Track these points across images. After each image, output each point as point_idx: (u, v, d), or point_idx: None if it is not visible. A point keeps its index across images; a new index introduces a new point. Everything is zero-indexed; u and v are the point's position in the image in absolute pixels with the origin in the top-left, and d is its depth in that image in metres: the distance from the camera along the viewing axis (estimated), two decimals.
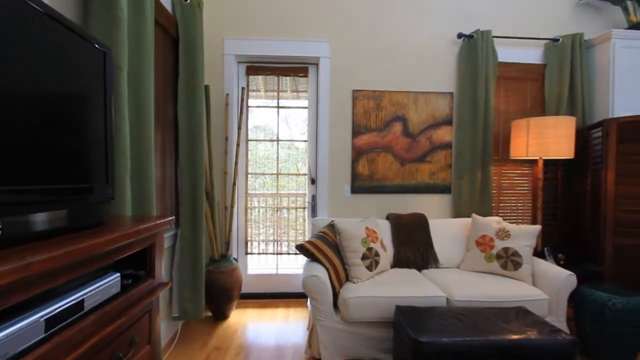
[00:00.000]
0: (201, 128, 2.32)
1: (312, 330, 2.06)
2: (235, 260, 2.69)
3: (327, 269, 2.06)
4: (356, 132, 2.86)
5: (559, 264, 2.56)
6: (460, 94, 2.87)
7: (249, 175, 3.03)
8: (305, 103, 3.02)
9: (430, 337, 1.48)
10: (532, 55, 2.98)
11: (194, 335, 2.34)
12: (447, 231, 2.60)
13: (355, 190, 2.86)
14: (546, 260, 2.52)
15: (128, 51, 1.55)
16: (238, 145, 2.72)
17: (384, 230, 2.58)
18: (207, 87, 2.60)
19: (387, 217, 2.71)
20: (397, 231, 2.55)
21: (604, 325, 1.98)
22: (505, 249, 2.28)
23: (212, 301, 2.52)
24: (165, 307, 2.24)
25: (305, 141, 3.05)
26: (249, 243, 3.02)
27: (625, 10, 2.92)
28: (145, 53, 1.64)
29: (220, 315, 2.57)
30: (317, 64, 2.91)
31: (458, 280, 2.17)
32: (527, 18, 3.00)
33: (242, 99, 2.76)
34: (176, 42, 2.31)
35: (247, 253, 3.00)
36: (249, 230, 3.05)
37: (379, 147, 2.86)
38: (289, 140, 3.12)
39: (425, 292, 1.98)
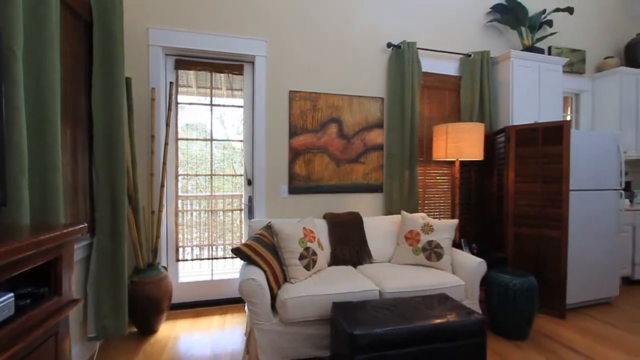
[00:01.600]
0: (121, 125, 2.10)
1: (249, 336, 2.00)
2: (165, 268, 2.49)
3: (264, 271, 2.03)
4: (293, 132, 2.87)
5: (473, 253, 2.89)
6: (390, 99, 3.07)
7: (180, 177, 2.84)
8: (241, 102, 2.93)
9: (364, 329, 1.56)
10: (450, 67, 3.33)
11: (116, 355, 2.10)
12: (379, 228, 2.76)
13: (292, 190, 2.87)
14: (463, 250, 2.83)
15: (25, 33, 1.33)
16: (167, 144, 2.53)
17: (321, 230, 2.64)
18: (128, 80, 2.36)
19: (324, 217, 2.77)
20: (334, 230, 2.63)
21: (506, 303, 2.30)
22: (430, 242, 2.50)
23: (138, 315, 2.29)
24: (78, 327, 1.97)
25: (241, 141, 2.96)
26: (180, 249, 2.83)
27: (520, 34, 3.44)
28: (48, 37, 1.42)
29: (147, 329, 2.36)
30: (253, 62, 2.85)
31: (389, 273, 2.32)
32: (446, 34, 3.34)
33: (171, 95, 2.57)
34: (90, 27, 2.05)
35: (178, 260, 2.80)
36: (181, 236, 2.85)
37: (316, 148, 2.91)
38: (225, 140, 3.00)
39: (360, 287, 2.07)
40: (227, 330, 2.43)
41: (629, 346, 2.23)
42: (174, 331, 2.41)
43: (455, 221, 2.58)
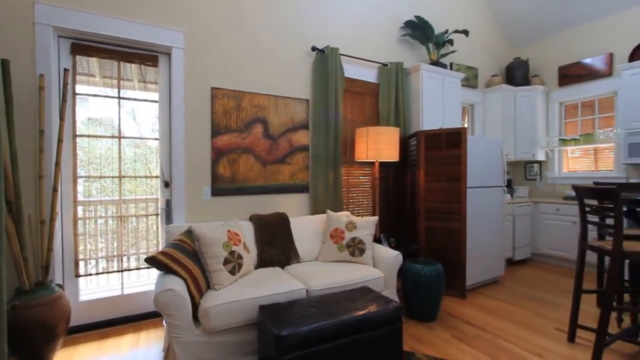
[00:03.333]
0: None
1: (168, 351, 1.84)
2: (60, 286, 2.13)
3: (184, 280, 1.88)
4: (216, 132, 2.73)
5: (391, 247, 3.15)
6: (314, 102, 3.15)
7: (80, 179, 2.46)
8: (156, 96, 2.68)
9: (291, 329, 1.56)
10: (370, 75, 3.57)
11: None
12: (306, 227, 2.81)
13: (216, 192, 2.74)
14: (382, 244, 3.06)
15: None
16: (60, 141, 2.16)
17: (247, 232, 2.57)
18: (5, 63, 1.95)
19: (250, 218, 2.71)
20: (260, 231, 2.58)
21: (419, 290, 2.56)
22: (353, 239, 2.64)
23: (24, 346, 1.91)
24: None
25: (156, 139, 2.70)
26: (81, 263, 2.45)
27: (428, 50, 3.86)
28: None
29: None
30: (169, 54, 2.63)
31: (316, 271, 2.37)
32: (366, 43, 3.57)
33: (66, 84, 2.21)
34: None
35: (78, 275, 2.43)
36: (82, 247, 2.47)
37: (240, 148, 2.83)
38: (137, 138, 2.70)
39: (287, 287, 2.07)
40: (141, 349, 2.19)
41: (513, 317, 2.68)
42: (72, 359, 2.08)
43: (376, 218, 2.77)
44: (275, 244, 2.58)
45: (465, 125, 4.67)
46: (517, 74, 4.66)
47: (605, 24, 4.06)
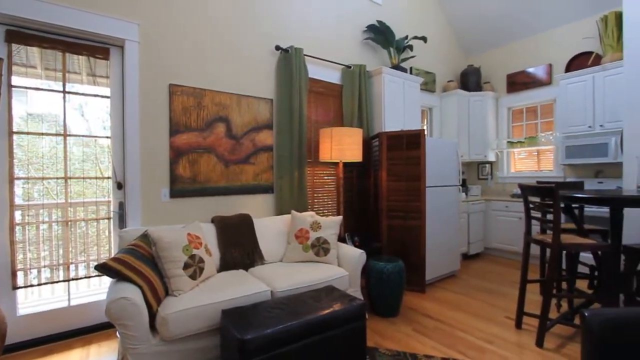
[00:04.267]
0: None
1: None
2: None
3: (140, 287, 1.78)
4: (175, 130, 2.61)
5: (355, 246, 3.21)
6: (279, 101, 3.13)
7: (17, 181, 2.23)
8: (107, 91, 2.50)
9: (255, 332, 1.54)
10: (334, 76, 3.61)
11: None
12: (271, 228, 2.78)
13: (175, 194, 2.61)
14: (347, 243, 3.11)
15: None
16: None
17: (209, 234, 2.49)
18: None
19: (213, 220, 2.62)
20: (223, 233, 2.51)
21: (382, 286, 2.64)
22: (318, 239, 2.65)
23: None
24: None
25: (108, 137, 2.52)
26: (20, 273, 2.22)
27: (390, 54, 3.99)
28: None
29: None
30: (122, 47, 2.47)
31: (280, 272, 2.35)
32: (330, 45, 3.61)
33: (0, 75, 1.99)
34: None
35: (16, 287, 2.20)
36: (22, 256, 2.24)
37: (202, 147, 2.73)
38: (87, 136, 2.51)
39: (251, 290, 2.03)
40: None
41: (468, 308, 2.85)
42: None
43: (340, 217, 2.80)
44: (239, 246, 2.52)
45: (424, 128, 4.90)
46: (470, 80, 4.96)
47: (547, 37, 4.46)
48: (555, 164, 4.42)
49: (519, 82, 4.74)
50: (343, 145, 3.00)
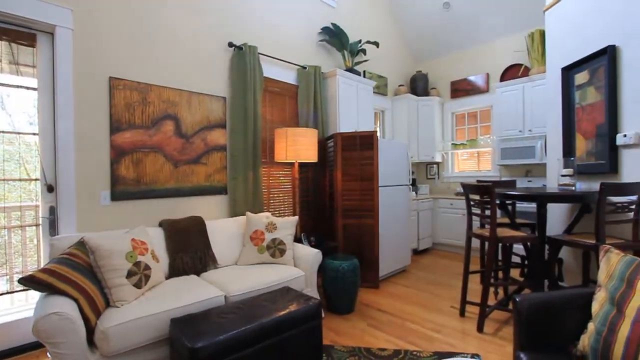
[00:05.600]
0: None
1: None
2: None
3: (75, 300, 1.61)
4: (116, 127, 2.41)
5: (311, 245, 3.22)
6: (232, 100, 3.04)
7: None
8: (34, 82, 2.23)
9: (206, 340, 1.47)
10: (289, 76, 3.60)
11: None
12: (224, 231, 2.69)
13: (117, 196, 2.41)
14: (303, 243, 3.11)
15: None
16: None
17: (157, 239, 2.34)
18: None
19: (160, 224, 2.47)
20: (172, 238, 2.37)
21: (337, 284, 2.69)
22: (274, 240, 2.62)
23: None
24: None
25: (36, 134, 2.25)
26: None
27: (344, 57, 4.08)
28: None
29: None
30: (52, 34, 2.22)
31: (235, 276, 2.28)
32: (286, 45, 3.58)
33: None
34: None
35: None
36: None
37: (147, 146, 2.55)
38: (9, 132, 2.21)
39: (203, 296, 1.95)
40: None
41: (418, 300, 3.01)
42: None
43: (296, 218, 2.80)
44: (190, 251, 2.40)
45: (377, 129, 5.08)
46: (419, 85, 5.26)
47: (485, 48, 4.87)
48: (492, 164, 4.84)
49: (461, 89, 5.13)
50: (298, 146, 3.00)
